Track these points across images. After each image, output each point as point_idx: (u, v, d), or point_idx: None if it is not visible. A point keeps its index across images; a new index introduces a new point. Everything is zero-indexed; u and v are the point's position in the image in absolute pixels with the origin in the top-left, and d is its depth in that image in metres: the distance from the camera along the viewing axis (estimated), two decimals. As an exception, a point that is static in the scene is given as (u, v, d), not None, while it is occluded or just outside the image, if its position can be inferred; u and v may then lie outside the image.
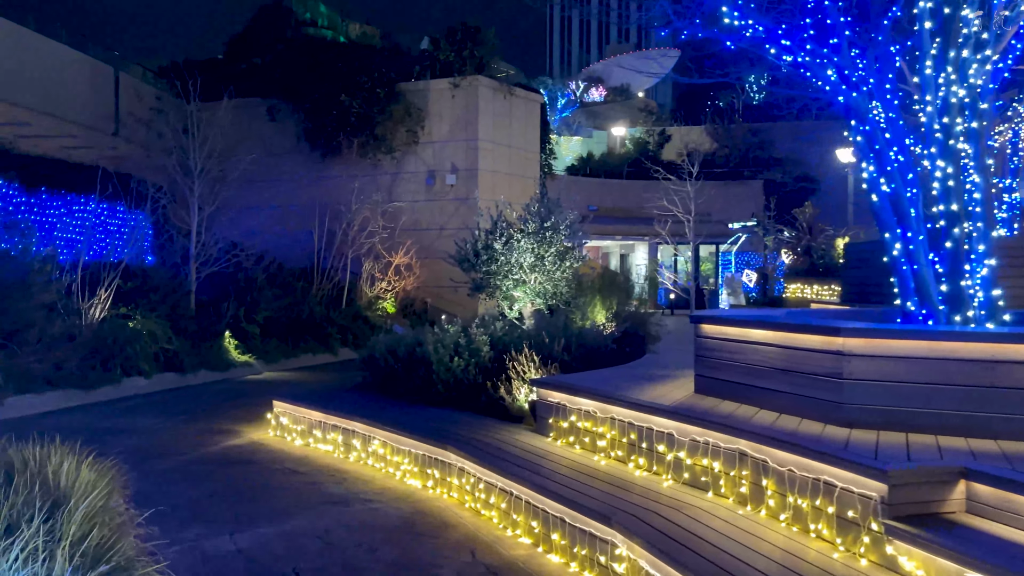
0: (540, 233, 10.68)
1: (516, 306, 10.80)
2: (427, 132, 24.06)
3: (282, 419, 9.88)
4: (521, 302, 10.73)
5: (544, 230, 10.68)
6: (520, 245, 10.63)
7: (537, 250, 10.64)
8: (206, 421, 10.85)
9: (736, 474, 5.44)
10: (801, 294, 21.51)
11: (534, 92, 26.83)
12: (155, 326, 14.29)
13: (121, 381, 13.02)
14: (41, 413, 11.16)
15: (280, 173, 24.90)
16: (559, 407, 7.34)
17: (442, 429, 7.94)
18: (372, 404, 9.33)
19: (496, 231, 10.78)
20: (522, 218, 10.99)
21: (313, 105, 23.55)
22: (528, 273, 10.63)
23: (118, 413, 11.40)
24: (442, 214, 24.12)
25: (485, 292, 10.86)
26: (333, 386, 11.60)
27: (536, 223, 10.70)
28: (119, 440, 9.57)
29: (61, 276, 14.02)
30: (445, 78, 23.92)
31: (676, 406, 6.26)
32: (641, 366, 8.89)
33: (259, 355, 16.58)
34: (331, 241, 21.55)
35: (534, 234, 10.68)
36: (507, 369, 8.63)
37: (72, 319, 13.47)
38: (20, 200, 17.98)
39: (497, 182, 24.34)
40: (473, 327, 9.39)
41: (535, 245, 10.65)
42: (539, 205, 10.88)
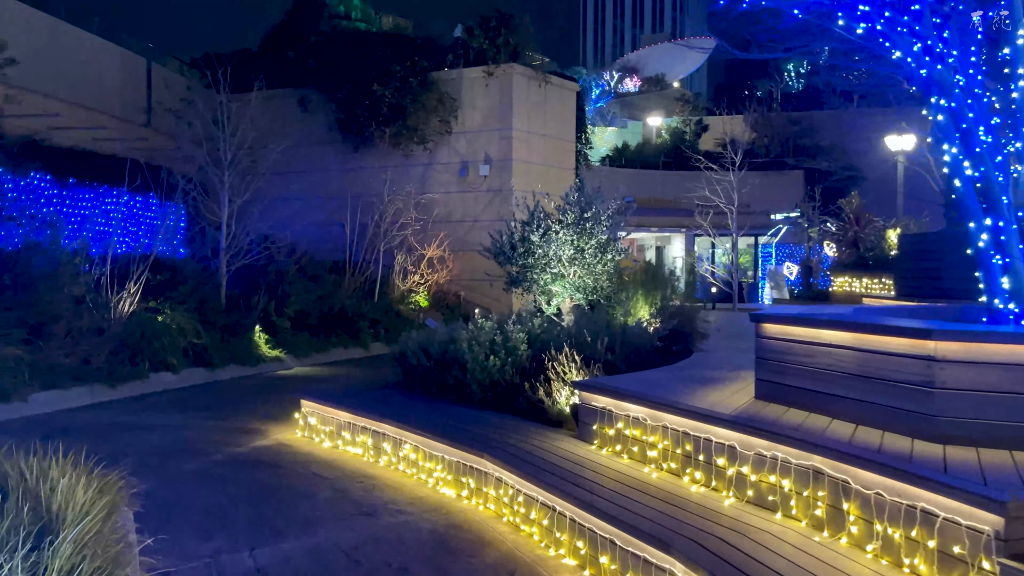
0: (580, 224, 10.07)
1: (554, 301, 10.22)
2: (460, 122, 23.54)
3: (310, 419, 9.44)
4: (559, 297, 10.15)
5: (584, 221, 10.07)
6: (559, 237, 10.03)
7: (577, 242, 10.04)
8: (232, 419, 10.48)
9: (810, 495, 4.81)
10: (849, 288, 20.58)
11: (570, 80, 26.14)
12: (184, 320, 14.00)
13: (148, 376, 12.73)
14: (66, 410, 10.88)
15: (311, 164, 24.59)
16: (605, 413, 6.76)
17: (477, 434, 7.41)
18: (403, 405, 8.84)
19: (533, 222, 10.20)
20: (560, 208, 10.39)
21: (345, 95, 23.18)
22: (567, 266, 10.04)
23: (144, 409, 11.08)
24: (475, 206, 23.60)
25: (522, 287, 10.29)
26: (363, 384, 11.15)
27: (575, 214, 10.09)
28: (142, 439, 9.22)
29: (90, 269, 13.79)
30: (479, 66, 23.36)
31: (738, 415, 5.64)
32: (691, 367, 8.26)
33: (289, 349, 16.24)
34: (363, 233, 21.16)
35: (573, 225, 10.08)
36: (546, 370, 8.07)
37: (101, 312, 13.21)
38: (52, 192, 17.86)
39: (532, 173, 23.74)
40: (509, 324, 8.84)
41: (574, 237, 10.04)
42: (578, 195, 10.27)
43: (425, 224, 22.21)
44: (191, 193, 17.09)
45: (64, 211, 17.99)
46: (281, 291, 17.34)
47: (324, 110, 24.09)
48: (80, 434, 9.40)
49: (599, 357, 8.00)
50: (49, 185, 17.71)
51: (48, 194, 17.80)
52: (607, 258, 10.17)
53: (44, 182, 17.51)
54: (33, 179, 17.15)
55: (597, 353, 8.03)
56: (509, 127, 23.07)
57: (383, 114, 22.86)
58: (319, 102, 24.16)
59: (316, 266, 19.82)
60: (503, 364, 8.52)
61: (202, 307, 15.13)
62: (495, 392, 8.52)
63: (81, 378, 11.74)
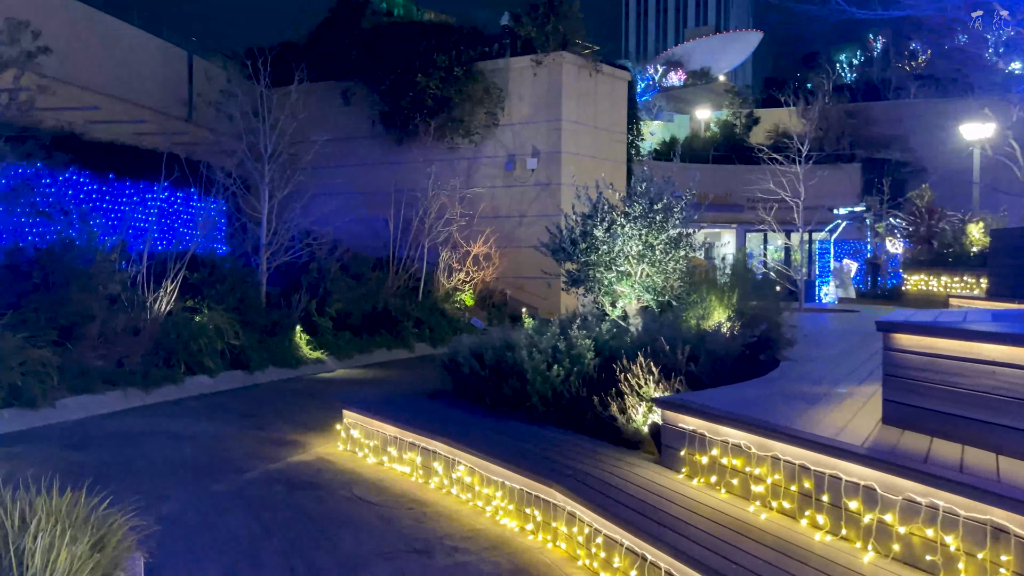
0: (649, 217, 9.04)
1: (620, 303, 9.21)
2: (507, 113, 22.62)
3: (353, 431, 8.60)
4: (626, 298, 9.14)
5: (653, 213, 9.04)
6: (625, 231, 9.02)
7: (645, 237, 9.02)
8: (270, 428, 9.71)
9: (988, 558, 3.76)
10: (926, 287, 19.13)
11: (621, 69, 25.03)
12: (222, 320, 13.33)
13: (184, 380, 12.07)
14: (96, 416, 10.24)
15: (354, 158, 23.92)
16: (695, 437, 5.76)
17: (541, 456, 6.46)
18: (455, 418, 7.94)
19: (597, 215, 9.20)
20: (626, 200, 9.38)
21: (389, 87, 22.43)
22: (635, 264, 9.02)
23: (178, 416, 10.39)
24: (522, 200, 22.67)
25: (583, 286, 9.30)
26: (410, 391, 10.29)
27: (643, 205, 9.07)
28: (172, 450, 8.49)
29: (128, 266, 13.22)
30: (526, 56, 22.40)
31: (874, 448, 4.60)
32: (786, 380, 7.20)
33: (331, 350, 15.51)
34: (407, 229, 20.39)
35: (641, 218, 9.05)
36: (617, 382, 7.09)
37: (136, 312, 12.61)
38: (91, 188, 17.42)
39: (581, 166, 22.70)
40: (574, 329, 7.87)
41: (643, 231, 9.02)
42: (646, 184, 9.24)
43: (470, 220, 21.36)
44: (231, 188, 16.48)
45: (103, 207, 17.54)
46: (323, 289, 16.64)
47: (367, 102, 23.39)
48: (108, 445, 8.73)
49: (680, 368, 6.98)
50: (88, 180, 17.27)
51: (87, 189, 17.37)
52: (679, 255, 9.13)
53: (83, 177, 17.07)
54: (71, 174, 16.71)
55: (677, 364, 7.02)
56: (558, 118, 22.08)
57: (427, 106, 22.06)
58: (362, 94, 23.47)
59: (359, 263, 19.10)
60: (567, 375, 7.56)
61: (241, 306, 14.47)
62: (558, 406, 7.57)
63: (113, 382, 11.11)
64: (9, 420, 9.34)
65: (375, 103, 23.00)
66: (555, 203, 22.25)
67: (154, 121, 19.79)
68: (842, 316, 16.43)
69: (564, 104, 22.06)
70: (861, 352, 9.04)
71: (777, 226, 19.02)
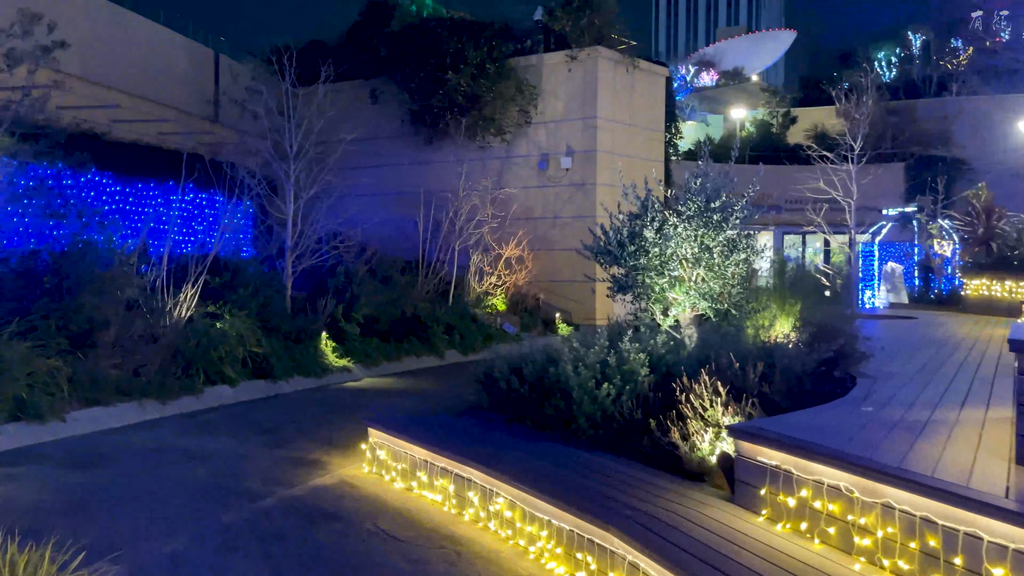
0: (705, 216, 8.16)
1: (672, 311, 8.33)
2: (540, 111, 21.81)
3: (379, 452, 7.84)
4: (679, 306, 8.25)
5: (710, 212, 8.16)
6: (678, 232, 8.15)
7: (701, 238, 8.14)
8: (291, 445, 8.99)
9: None
10: (988, 291, 17.92)
11: (659, 64, 24.09)
12: (244, 326, 12.68)
13: (203, 390, 11.42)
14: (108, 430, 9.59)
15: (382, 159, 23.28)
16: (780, 474, 4.88)
17: (592, 489, 5.63)
18: (492, 440, 7.13)
19: (647, 215, 8.34)
20: (678, 197, 8.51)
21: (418, 84, 21.74)
22: (689, 268, 8.14)
23: (194, 431, 9.72)
24: (556, 201, 21.83)
25: (632, 293, 8.44)
26: (441, 406, 9.49)
27: (699, 203, 8.19)
28: (183, 471, 7.79)
29: (147, 269, 12.63)
30: (560, 51, 21.58)
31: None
32: (874, 403, 6.27)
33: (358, 358, 14.79)
34: (436, 231, 19.67)
35: (696, 217, 8.18)
36: (677, 403, 6.23)
37: (155, 318, 12.01)
38: (113, 189, 16.95)
39: (617, 165, 21.79)
40: (625, 342, 7.01)
41: (698, 232, 8.14)
42: (702, 180, 8.35)
43: (502, 221, 20.58)
44: (256, 189, 15.88)
45: (125, 208, 17.07)
46: (350, 294, 15.95)
47: (396, 101, 22.73)
48: (115, 465, 8.06)
49: (751, 389, 6.09)
50: (110, 181, 16.80)
51: (110, 191, 16.91)
52: (739, 258, 8.23)
53: (105, 178, 16.60)
54: (93, 175, 16.25)
55: (748, 383, 6.13)
56: (593, 115, 21.22)
57: (458, 104, 21.33)
58: (391, 93, 22.82)
59: (387, 266, 18.41)
60: (618, 394, 6.71)
61: (264, 311, 13.82)
62: (608, 429, 6.72)
63: (128, 393, 10.47)
64: (14, 435, 8.73)
65: (404, 101, 22.34)
66: (590, 204, 21.39)
67: (178, 121, 19.31)
68: (901, 324, 15.34)
69: (600, 101, 21.20)
70: (946, 367, 8.07)
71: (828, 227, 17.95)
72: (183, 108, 19.88)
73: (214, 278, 13.24)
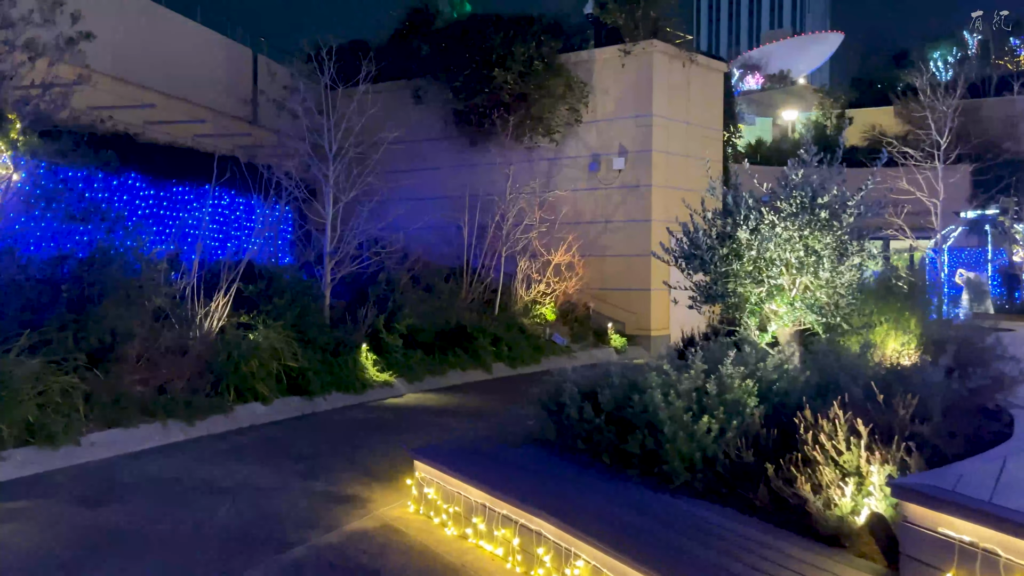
0: (809, 214, 6.90)
1: (771, 327, 7.07)
2: (591, 109, 20.62)
3: (427, 489, 6.73)
4: (780, 320, 7.00)
5: (816, 209, 6.89)
6: (778, 233, 6.90)
7: (807, 240, 6.88)
8: (327, 475, 7.94)
9: None
10: (1089, 303, 16.18)
11: (716, 59, 22.74)
12: (279, 338, 11.72)
13: (233, 409, 10.47)
14: (128, 455, 8.67)
15: (425, 161, 22.31)
16: (977, 555, 3.62)
17: (702, 558, 4.43)
18: (562, 481, 5.97)
19: (740, 212, 7.10)
20: (775, 192, 7.26)
21: (463, 83, 20.69)
22: (796, 275, 6.89)
23: (222, 456, 8.73)
24: (607, 204, 20.60)
25: (723, 303, 7.20)
26: (494, 431, 8.34)
27: (803, 197, 6.93)
28: (204, 509, 6.78)
29: (178, 277, 11.76)
30: (613, 45, 20.38)
31: None
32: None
33: (400, 372, 13.76)
34: (481, 236, 18.60)
35: (799, 215, 6.92)
36: (801, 443, 5.00)
37: (185, 329, 11.13)
38: (147, 192, 16.22)
39: (672, 166, 20.53)
40: (727, 365, 5.79)
41: (803, 233, 6.88)
42: (805, 171, 7.10)
43: (551, 226, 19.42)
44: (294, 193, 14.99)
45: (159, 213, 16.33)
46: (392, 303, 14.94)
47: (439, 101, 21.74)
48: (130, 499, 7.08)
49: (901, 428, 4.82)
50: (144, 184, 16.07)
51: (144, 194, 16.18)
52: (853, 263, 6.94)
53: (138, 181, 15.87)
54: (126, 178, 15.53)
55: (896, 421, 4.86)
56: (648, 113, 19.95)
57: (504, 102, 20.24)
58: (434, 92, 21.83)
59: (430, 273, 17.37)
60: (722, 430, 5.49)
61: (301, 322, 12.85)
62: (710, 472, 5.50)
63: (151, 412, 9.55)
64: (22, 462, 7.84)
65: (448, 101, 21.32)
66: (644, 207, 20.13)
67: (215, 122, 18.58)
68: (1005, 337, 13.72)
69: (655, 98, 19.94)
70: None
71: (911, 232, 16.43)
72: (220, 109, 19.16)
73: (247, 286, 12.32)
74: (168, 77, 17.73)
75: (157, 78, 17.35)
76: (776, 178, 7.34)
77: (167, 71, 17.72)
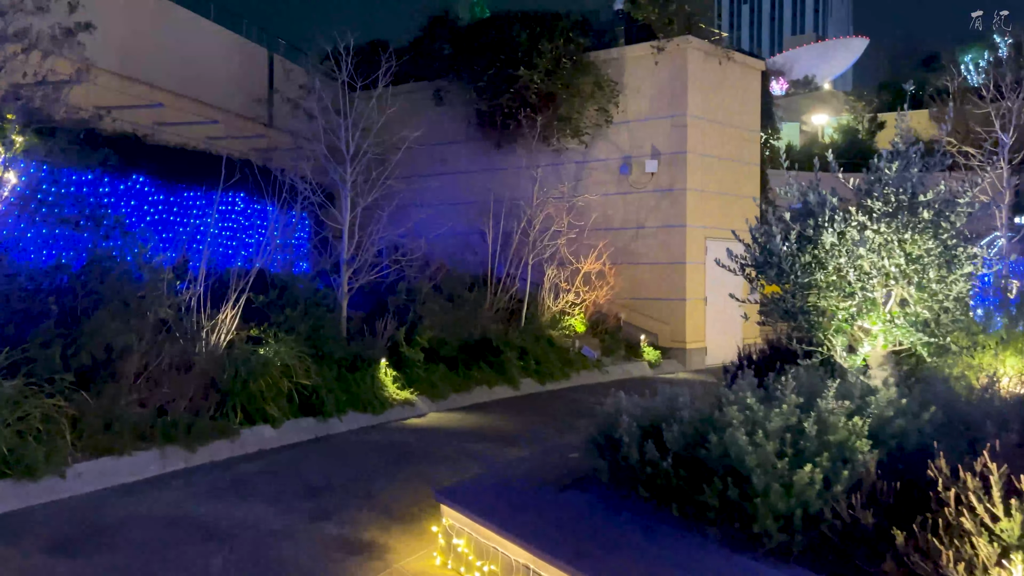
0: (909, 213, 5.82)
1: (863, 348, 5.98)
2: (621, 109, 19.57)
3: (456, 540, 5.70)
4: (875, 340, 5.90)
5: (917, 208, 5.81)
6: (870, 237, 5.81)
7: (907, 246, 5.79)
8: (339, 515, 6.94)
9: None
10: None
11: (753, 57, 21.62)
12: (291, 353, 10.77)
13: (239, 433, 9.50)
14: (118, 487, 7.72)
15: (447, 165, 21.37)
16: None
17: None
18: (623, 537, 4.91)
19: (824, 212, 6.03)
20: (863, 189, 6.19)
21: (487, 82, 19.74)
22: (896, 286, 5.80)
23: (221, 490, 7.76)
24: (640, 209, 19.53)
25: (803, 321, 6.11)
26: (533, 463, 7.30)
27: (901, 194, 5.85)
28: (195, 560, 5.79)
29: (185, 287, 10.85)
30: (645, 42, 19.35)
31: None
32: None
33: (421, 388, 12.78)
34: (506, 243, 17.59)
35: (896, 215, 5.84)
36: (941, 503, 3.91)
37: (190, 343, 10.21)
38: (156, 197, 15.39)
39: (708, 169, 19.43)
40: (827, 398, 4.71)
41: (902, 237, 5.80)
42: (900, 162, 6.01)
43: (580, 232, 18.38)
44: (310, 198, 14.07)
45: (168, 218, 15.50)
46: (413, 314, 13.97)
47: (461, 102, 20.81)
48: (112, 546, 6.11)
49: (1078, 489, 3.72)
50: (153, 189, 15.25)
51: (152, 199, 15.36)
52: (963, 272, 5.84)
53: (146, 185, 15.05)
54: (134, 181, 14.71)
55: (1068, 479, 3.76)
56: (682, 113, 18.87)
57: (530, 103, 19.25)
58: (456, 93, 20.91)
59: (453, 282, 16.38)
60: (827, 481, 4.41)
61: (315, 335, 11.90)
62: (812, 533, 4.41)
63: (148, 437, 8.61)
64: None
65: (471, 101, 20.38)
66: (678, 211, 19.03)
67: (228, 123, 17.77)
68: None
69: (690, 97, 18.86)
70: None
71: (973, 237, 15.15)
72: (233, 110, 18.36)
73: (258, 296, 11.40)
74: (180, 77, 16.94)
75: (168, 78, 16.56)
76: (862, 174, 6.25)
77: (179, 70, 16.93)
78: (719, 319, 19.60)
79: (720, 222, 19.72)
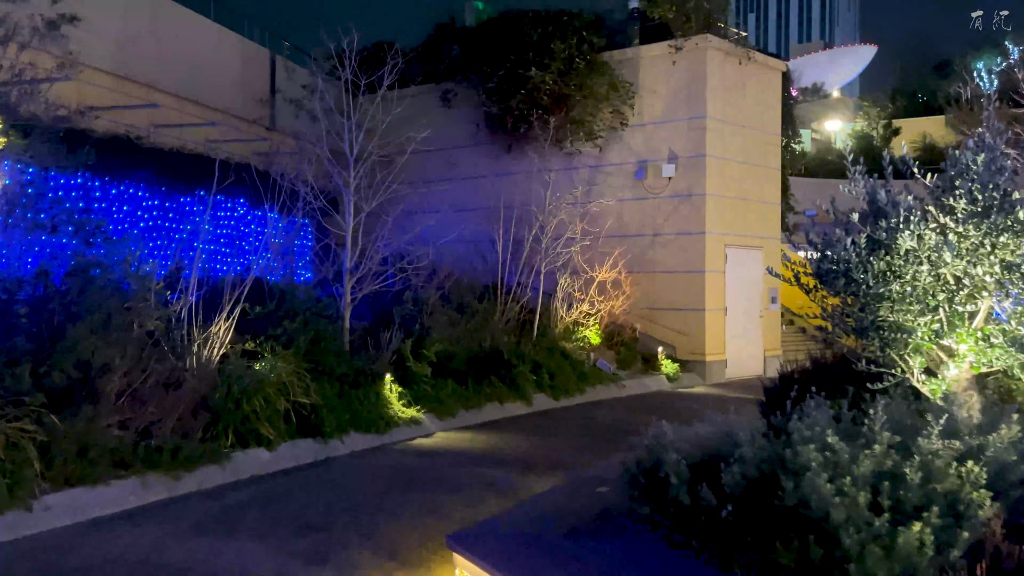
0: (998, 214, 4.99)
1: (949, 372, 5.12)
2: (637, 112, 18.78)
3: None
4: (962, 362, 5.05)
5: (1009, 208, 4.98)
6: (958, 243, 4.98)
7: (1001, 252, 4.96)
8: (338, 559, 6.10)
9: None
10: None
11: (774, 58, 20.82)
12: (288, 369, 9.97)
13: (231, 457, 8.69)
14: (89, 522, 6.92)
15: (455, 169, 20.57)
16: None
17: None
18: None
19: (898, 212, 5.20)
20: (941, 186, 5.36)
21: (496, 84, 18.97)
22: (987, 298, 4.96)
23: (207, 525, 6.93)
24: (656, 215, 18.69)
25: (877, 339, 5.26)
26: (558, 497, 6.45)
27: (990, 192, 5.02)
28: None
29: (177, 297, 10.07)
30: (661, 41, 18.57)
31: None
32: None
33: (429, 406, 11.96)
34: (517, 251, 16.77)
35: (982, 217, 5.01)
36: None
37: (177, 359, 9.41)
38: (151, 202, 14.65)
39: (727, 173, 18.60)
40: (931, 438, 3.88)
41: (995, 240, 4.96)
42: (986, 156, 5.19)
43: (594, 239, 17.56)
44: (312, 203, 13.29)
45: (164, 224, 14.75)
46: (419, 325, 13.17)
47: (470, 104, 20.05)
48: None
49: None
50: (147, 195, 14.50)
51: (147, 205, 14.61)
52: (1065, 283, 4.99)
53: (140, 190, 14.31)
54: (127, 187, 13.97)
55: None
56: (701, 114, 18.06)
57: (542, 105, 18.48)
58: (465, 95, 20.17)
59: (462, 291, 15.57)
60: (935, 540, 3.56)
61: (315, 348, 11.10)
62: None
63: (128, 464, 7.81)
64: (-50, 537, 6.10)
65: (480, 104, 19.62)
66: (697, 218, 18.19)
67: (228, 126, 17.03)
68: None
69: (709, 98, 18.05)
70: None
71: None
72: (234, 112, 17.63)
73: (254, 307, 10.60)
74: (178, 77, 16.22)
75: (164, 77, 15.83)
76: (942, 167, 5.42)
77: (177, 70, 16.21)
78: (739, 330, 18.74)
79: (740, 229, 18.88)
